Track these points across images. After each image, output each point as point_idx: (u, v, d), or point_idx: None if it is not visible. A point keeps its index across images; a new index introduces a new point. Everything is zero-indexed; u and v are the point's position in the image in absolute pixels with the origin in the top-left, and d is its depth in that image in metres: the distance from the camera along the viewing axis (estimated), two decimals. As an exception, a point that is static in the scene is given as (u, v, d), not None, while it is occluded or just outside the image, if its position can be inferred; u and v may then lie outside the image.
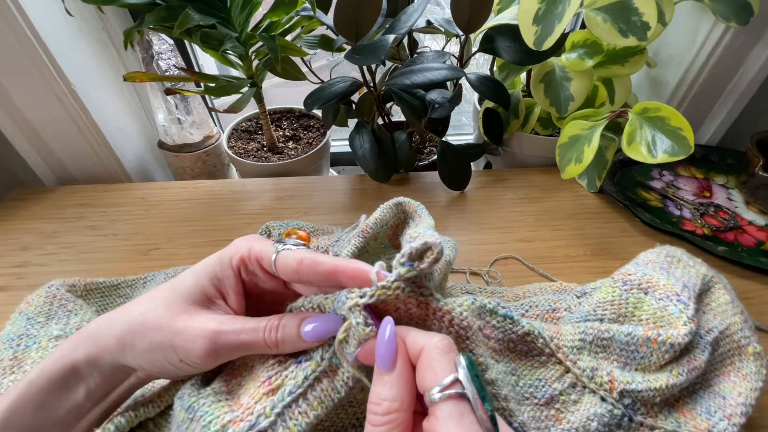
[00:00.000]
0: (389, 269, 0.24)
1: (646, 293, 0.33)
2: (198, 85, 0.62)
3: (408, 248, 0.22)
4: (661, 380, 0.29)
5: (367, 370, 0.23)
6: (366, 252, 0.35)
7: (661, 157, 0.44)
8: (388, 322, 0.21)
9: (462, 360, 0.20)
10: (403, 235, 0.34)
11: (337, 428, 0.29)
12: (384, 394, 0.20)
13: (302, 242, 0.27)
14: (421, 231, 0.29)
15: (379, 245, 0.37)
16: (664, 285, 0.32)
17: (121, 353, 0.25)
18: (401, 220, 0.36)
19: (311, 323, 0.23)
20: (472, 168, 0.60)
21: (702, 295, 0.35)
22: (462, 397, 0.19)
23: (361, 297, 0.22)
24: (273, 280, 0.27)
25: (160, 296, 0.26)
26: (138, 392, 0.29)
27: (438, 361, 0.20)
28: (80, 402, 0.25)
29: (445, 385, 0.19)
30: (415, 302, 0.24)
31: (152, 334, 0.24)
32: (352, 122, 0.61)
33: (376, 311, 0.23)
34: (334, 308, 0.23)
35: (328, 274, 0.24)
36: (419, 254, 0.22)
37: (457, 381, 0.19)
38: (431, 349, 0.20)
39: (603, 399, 0.30)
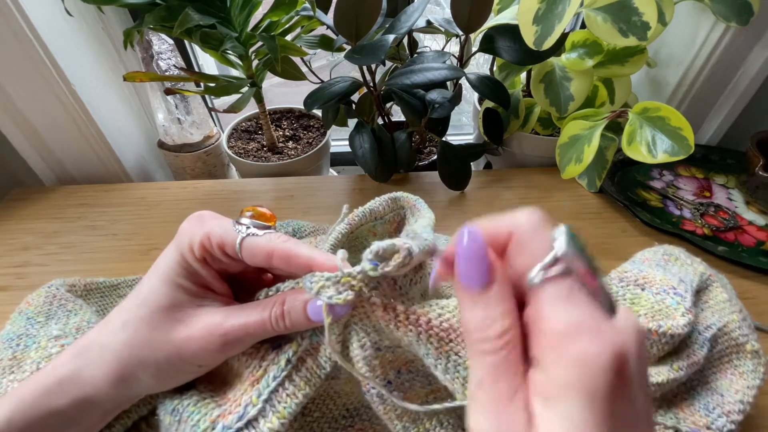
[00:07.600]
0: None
1: (642, 289, 0.33)
2: (198, 85, 0.62)
3: (376, 246, 0.21)
4: (662, 375, 0.30)
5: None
6: (364, 247, 0.35)
7: (661, 157, 0.44)
8: (465, 231, 0.18)
9: (560, 233, 0.17)
10: (404, 231, 0.33)
11: (327, 419, 0.29)
12: (489, 314, 0.16)
13: (265, 224, 0.24)
14: (417, 230, 0.28)
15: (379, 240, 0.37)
16: (660, 280, 0.33)
17: (123, 388, 0.24)
18: (401, 216, 0.35)
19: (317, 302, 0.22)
20: (472, 168, 0.60)
21: (700, 293, 0.35)
22: (567, 274, 0.16)
23: (327, 280, 0.22)
24: (240, 262, 0.25)
25: (134, 317, 0.24)
26: None
27: (531, 242, 0.17)
28: None
29: (545, 264, 0.16)
30: (381, 305, 0.22)
31: (153, 358, 0.23)
32: (352, 122, 0.61)
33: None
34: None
35: (303, 268, 0.23)
36: (388, 255, 0.22)
37: (557, 260, 0.16)
38: (520, 230, 0.17)
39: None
